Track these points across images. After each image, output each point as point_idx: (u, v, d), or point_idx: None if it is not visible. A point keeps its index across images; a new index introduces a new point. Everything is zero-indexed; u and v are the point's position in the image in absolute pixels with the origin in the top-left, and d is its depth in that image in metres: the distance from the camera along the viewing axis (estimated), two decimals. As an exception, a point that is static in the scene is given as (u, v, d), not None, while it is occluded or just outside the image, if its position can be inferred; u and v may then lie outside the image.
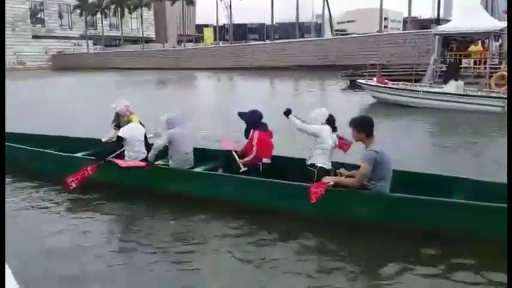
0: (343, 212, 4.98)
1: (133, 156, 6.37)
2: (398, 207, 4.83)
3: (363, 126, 4.85)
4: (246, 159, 6.01)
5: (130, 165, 6.10)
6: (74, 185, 5.93)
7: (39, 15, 72.09)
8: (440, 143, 10.35)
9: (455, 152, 9.21)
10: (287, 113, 5.91)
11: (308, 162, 5.63)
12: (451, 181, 5.28)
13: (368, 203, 4.89)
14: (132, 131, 6.44)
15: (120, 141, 6.43)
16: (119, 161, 6.10)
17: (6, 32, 66.79)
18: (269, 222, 5.10)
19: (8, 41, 66.56)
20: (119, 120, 6.80)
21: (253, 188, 5.58)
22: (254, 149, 5.96)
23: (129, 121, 6.56)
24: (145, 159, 6.32)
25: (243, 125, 6.25)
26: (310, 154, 5.69)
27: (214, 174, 6.02)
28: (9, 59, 66.63)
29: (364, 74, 21.49)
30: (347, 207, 4.98)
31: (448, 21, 27.01)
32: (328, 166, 5.58)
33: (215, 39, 70.28)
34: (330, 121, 5.72)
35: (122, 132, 6.42)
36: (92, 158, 6.65)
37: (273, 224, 5.07)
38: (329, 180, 4.92)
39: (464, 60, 18.95)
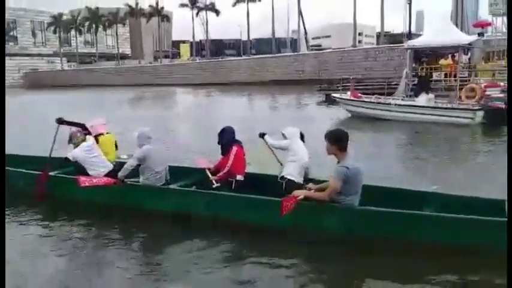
0: (314, 225, 4.97)
1: (95, 173, 6.28)
2: (367, 219, 4.86)
3: (336, 140, 4.82)
4: (219, 174, 5.98)
5: (94, 184, 5.93)
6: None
7: (11, 33, 71.09)
8: (412, 155, 10.50)
9: (428, 163, 9.34)
10: (261, 135, 6.40)
11: (279, 175, 5.68)
12: (420, 195, 5.34)
13: (337, 216, 4.91)
14: (80, 154, 6.36)
15: (67, 161, 6.39)
16: (81, 180, 5.92)
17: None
18: (240, 236, 5.07)
19: (-21, 59, 65.19)
20: (72, 141, 6.62)
21: (224, 202, 5.56)
22: (229, 163, 5.96)
23: (78, 143, 6.47)
24: (111, 172, 6.24)
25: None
26: (282, 167, 5.75)
27: (186, 190, 5.94)
28: (-19, 77, 65.18)
29: (339, 88, 21.80)
30: (317, 220, 4.97)
31: (420, 35, 27.73)
32: (298, 179, 5.60)
33: (192, 55, 70.47)
34: (301, 136, 5.88)
35: (72, 155, 6.37)
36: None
37: (244, 238, 5.03)
38: (299, 193, 4.92)
39: (435, 74, 19.42)
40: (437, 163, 9.38)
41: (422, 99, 15.17)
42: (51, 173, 6.65)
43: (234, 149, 5.99)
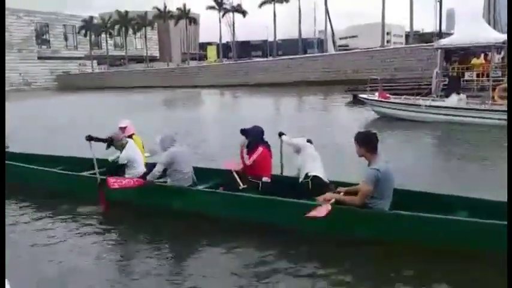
0: (344, 229, 4.89)
1: (134, 172, 6.40)
2: (399, 224, 4.75)
3: (364, 142, 4.76)
4: (239, 167, 6.09)
5: (124, 185, 6.01)
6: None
7: (44, 37, 73.14)
8: (443, 159, 10.24)
9: (459, 167, 9.08)
10: (280, 134, 6.45)
11: (301, 176, 5.64)
12: (452, 199, 5.19)
13: (369, 221, 4.82)
14: (128, 155, 6.47)
15: (122, 167, 6.49)
16: (111, 182, 5.99)
17: (12, 54, 67.90)
18: (269, 239, 5.04)
19: (14, 62, 67.61)
20: (113, 144, 6.72)
21: (252, 204, 5.54)
22: (250, 160, 5.96)
23: (123, 145, 6.56)
24: (143, 175, 6.32)
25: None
26: (301, 169, 5.75)
27: (213, 191, 5.96)
28: (15, 79, 67.55)
29: (367, 88, 21.50)
30: (348, 225, 4.89)
31: (451, 34, 27.08)
32: (323, 175, 5.56)
33: (218, 56, 70.93)
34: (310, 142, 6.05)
35: (121, 159, 6.50)
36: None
37: (273, 241, 4.99)
38: (330, 196, 4.85)
39: (466, 74, 18.89)
40: (470, 167, 9.11)
41: (453, 99, 14.77)
42: (85, 173, 6.83)
43: (260, 149, 5.98)
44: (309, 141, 6.05)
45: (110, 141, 6.58)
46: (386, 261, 4.48)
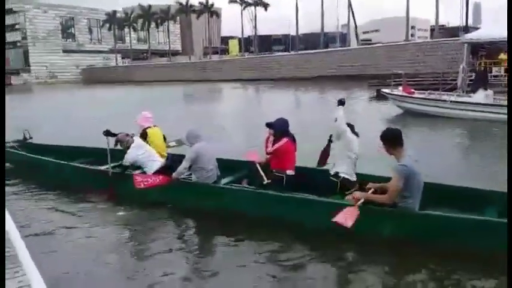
0: (373, 229, 4.79)
1: (148, 169, 6.45)
2: (428, 225, 4.66)
3: (386, 139, 4.72)
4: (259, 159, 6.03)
5: (149, 184, 6.07)
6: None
7: (69, 30, 74.34)
8: (469, 156, 10.03)
9: (485, 165, 8.87)
10: (341, 102, 5.67)
11: (332, 172, 5.53)
12: (484, 194, 5.07)
13: (398, 221, 4.73)
14: (132, 154, 6.53)
15: (126, 170, 6.56)
16: (137, 181, 6.04)
17: (37, 47, 69.22)
18: (295, 238, 5.00)
19: (39, 55, 68.98)
20: (121, 145, 6.80)
21: (278, 203, 5.46)
22: (271, 149, 5.94)
23: (128, 146, 6.63)
24: (164, 167, 6.37)
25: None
26: (334, 163, 5.60)
27: (238, 189, 5.93)
28: (41, 72, 68.89)
29: (391, 83, 21.21)
30: (376, 224, 4.79)
31: (477, 28, 26.48)
32: (353, 177, 5.46)
33: (240, 50, 70.91)
34: (353, 131, 5.62)
35: (125, 161, 6.55)
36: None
37: (298, 240, 4.96)
38: (360, 196, 4.79)
39: (494, 69, 18.47)
40: (495, 165, 8.88)
41: (480, 95, 14.43)
42: (103, 167, 6.91)
43: (284, 139, 5.94)
44: (352, 127, 5.64)
45: (116, 142, 6.71)
46: (413, 264, 4.41)
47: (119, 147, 6.74)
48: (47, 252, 4.77)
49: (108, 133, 6.65)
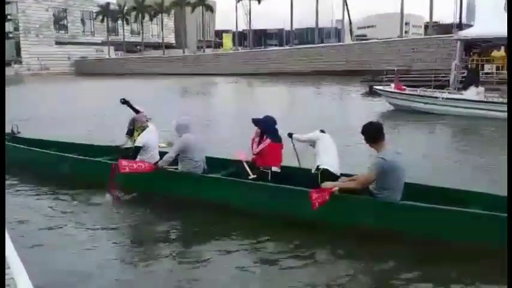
0: (347, 218, 4.91)
1: (146, 158, 6.39)
2: (403, 214, 4.74)
3: (368, 132, 4.81)
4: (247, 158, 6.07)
5: (134, 170, 6.02)
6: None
7: (62, 22, 73.63)
8: (459, 152, 10.07)
9: (476, 162, 8.91)
10: (290, 135, 6.19)
11: (313, 169, 5.60)
12: (465, 194, 5.12)
13: (372, 210, 4.84)
14: (147, 138, 6.47)
15: (138, 151, 6.41)
16: (122, 165, 5.94)
17: (30, 38, 68.59)
18: (272, 228, 5.07)
19: (32, 47, 68.30)
20: (134, 125, 6.82)
21: (258, 192, 5.58)
22: (256, 150, 5.98)
23: (143, 128, 6.57)
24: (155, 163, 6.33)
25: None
26: (315, 158, 5.68)
27: (222, 179, 5.97)
28: (33, 64, 68.23)
29: (383, 79, 21.24)
30: (351, 213, 4.92)
31: (471, 26, 26.54)
32: (334, 169, 5.49)
33: (234, 44, 70.65)
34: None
35: (138, 142, 6.47)
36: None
37: (275, 229, 5.03)
38: (330, 185, 4.87)
39: (486, 66, 18.53)
40: (486, 162, 8.94)
41: (472, 92, 14.52)
42: (98, 159, 6.88)
43: (267, 141, 5.96)
44: (322, 131, 5.93)
45: (132, 121, 6.67)
46: (386, 253, 4.46)
47: (125, 140, 6.67)
48: (34, 248, 4.74)
49: (125, 102, 6.70)
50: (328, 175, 5.33)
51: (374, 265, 4.34)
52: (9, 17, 69.10)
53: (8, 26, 69.66)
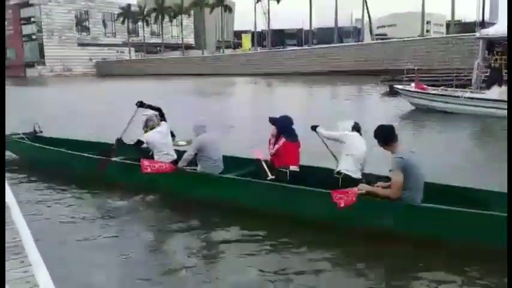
0: (369, 221, 4.84)
1: (161, 159, 6.44)
2: (427, 218, 4.65)
3: (380, 135, 4.77)
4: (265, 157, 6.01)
5: (156, 170, 6.10)
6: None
7: (84, 24, 74.89)
8: (481, 154, 9.87)
9: (498, 163, 8.71)
10: (314, 128, 6.11)
11: (335, 170, 5.54)
12: (489, 195, 5.00)
13: (395, 213, 4.74)
14: (152, 138, 6.53)
15: (139, 144, 6.49)
16: (144, 165, 6.07)
17: (53, 40, 69.95)
18: (292, 229, 5.04)
19: (54, 49, 69.67)
20: (147, 125, 6.87)
21: (279, 193, 5.53)
22: (271, 150, 5.96)
23: (152, 127, 6.63)
24: (174, 162, 6.40)
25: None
26: (338, 161, 5.61)
27: (242, 180, 5.95)
28: (56, 66, 69.60)
29: (403, 79, 20.99)
30: (373, 216, 4.84)
31: (494, 24, 26.02)
32: (356, 174, 5.42)
33: (253, 45, 70.78)
34: (357, 129, 5.68)
35: (146, 138, 6.51)
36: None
37: (296, 231, 5.00)
38: (363, 188, 4.80)
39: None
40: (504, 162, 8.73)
41: (494, 92, 14.22)
42: (116, 159, 6.94)
43: (282, 140, 5.93)
44: (355, 126, 5.71)
45: (146, 122, 6.69)
46: (410, 256, 4.40)
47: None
48: (54, 243, 4.82)
49: (141, 104, 6.83)
50: (349, 180, 5.27)
51: (380, 265, 4.32)
52: (32, 19, 70.65)
53: (32, 28, 71.29)
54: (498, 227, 4.25)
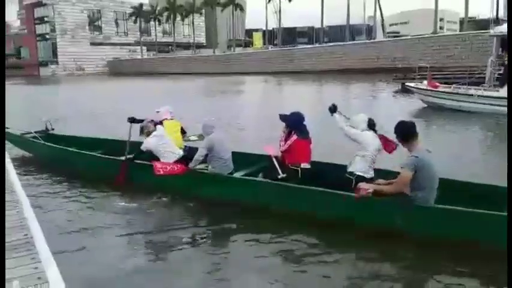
0: (383, 221, 4.80)
1: (166, 160, 6.48)
2: (440, 218, 4.60)
3: (401, 131, 4.72)
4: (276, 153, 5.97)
5: (168, 172, 6.16)
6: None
7: (96, 23, 75.44)
8: (493, 152, 9.75)
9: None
10: (332, 109, 5.89)
11: (348, 170, 5.49)
12: (503, 191, 4.93)
13: (408, 213, 4.70)
14: (151, 142, 6.56)
15: (142, 154, 6.61)
16: (157, 168, 6.16)
17: (65, 40, 70.61)
18: (307, 229, 5.03)
19: (67, 48, 70.32)
20: (144, 132, 6.88)
21: (293, 194, 5.51)
22: (282, 148, 5.94)
23: (149, 133, 6.67)
24: (182, 159, 6.42)
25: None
26: (351, 161, 5.55)
27: (255, 180, 5.96)
28: (69, 65, 70.24)
29: (416, 77, 20.80)
30: (387, 216, 4.80)
31: (508, 21, 25.62)
32: (369, 175, 5.39)
33: (264, 43, 70.65)
34: (371, 125, 5.58)
35: (144, 146, 6.59)
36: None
37: (310, 231, 4.99)
38: (367, 187, 4.79)
39: (524, 63, 17.84)
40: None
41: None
42: (128, 156, 6.99)
43: (293, 137, 5.90)
44: (370, 123, 5.59)
45: (141, 129, 6.79)
46: (425, 257, 4.36)
47: (143, 137, 6.81)
48: (64, 240, 4.87)
49: (133, 120, 6.92)
50: (362, 181, 5.25)
51: (389, 265, 4.30)
52: (46, 19, 71.37)
53: (45, 28, 72.03)
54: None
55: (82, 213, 5.82)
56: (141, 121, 6.90)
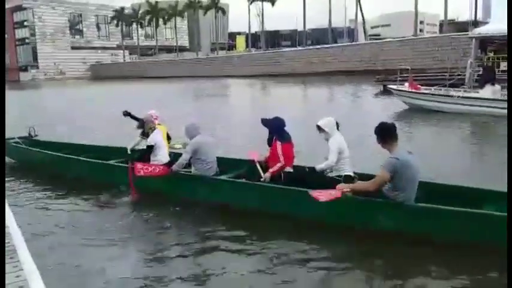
0: (361, 220, 4.88)
1: (157, 161, 6.46)
2: (417, 217, 4.68)
3: (381, 133, 4.75)
4: (274, 168, 5.94)
5: (149, 173, 6.11)
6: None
7: (78, 27, 74.69)
8: (475, 153, 9.91)
9: (492, 161, 8.76)
10: (312, 170, 5.84)
11: (334, 175, 5.57)
12: (482, 193, 5.03)
13: (387, 212, 4.76)
14: (158, 138, 6.56)
15: (150, 148, 6.52)
16: (137, 168, 6.11)
17: (46, 44, 69.72)
18: (286, 229, 5.06)
19: (48, 52, 69.42)
20: (144, 127, 6.92)
21: (273, 195, 5.57)
22: (281, 159, 5.92)
23: (153, 128, 6.65)
24: (168, 164, 6.40)
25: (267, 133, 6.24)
26: (335, 168, 5.61)
27: (236, 182, 5.98)
28: (50, 69, 69.34)
29: (397, 79, 21.08)
30: (365, 215, 4.88)
31: (486, 23, 26.19)
32: (350, 172, 5.55)
33: (247, 46, 70.83)
34: (337, 126, 5.77)
35: (149, 141, 6.55)
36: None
37: (288, 231, 5.02)
38: (343, 187, 4.85)
39: (502, 64, 18.26)
40: (502, 161, 8.77)
41: (487, 90, 14.29)
42: (111, 162, 6.95)
43: (278, 144, 5.92)
44: (336, 124, 5.77)
45: (142, 123, 6.76)
46: (404, 256, 4.41)
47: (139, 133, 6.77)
48: (47, 248, 4.80)
49: (128, 114, 7.03)
50: (350, 180, 5.33)
51: (375, 265, 4.33)
52: (25, 23, 70.39)
53: (25, 32, 71.02)
54: (492, 226, 4.31)
55: (65, 218, 5.74)
56: (136, 117, 6.92)
